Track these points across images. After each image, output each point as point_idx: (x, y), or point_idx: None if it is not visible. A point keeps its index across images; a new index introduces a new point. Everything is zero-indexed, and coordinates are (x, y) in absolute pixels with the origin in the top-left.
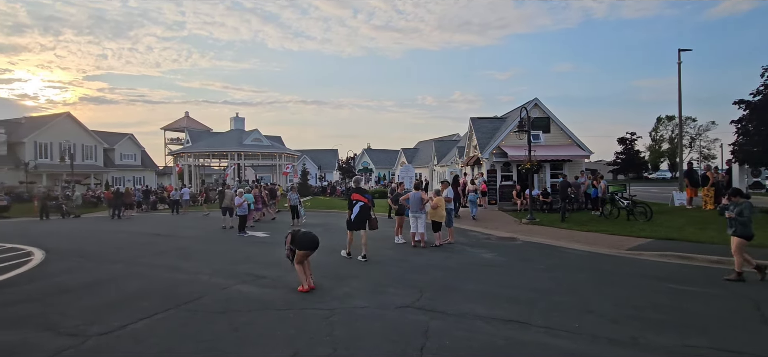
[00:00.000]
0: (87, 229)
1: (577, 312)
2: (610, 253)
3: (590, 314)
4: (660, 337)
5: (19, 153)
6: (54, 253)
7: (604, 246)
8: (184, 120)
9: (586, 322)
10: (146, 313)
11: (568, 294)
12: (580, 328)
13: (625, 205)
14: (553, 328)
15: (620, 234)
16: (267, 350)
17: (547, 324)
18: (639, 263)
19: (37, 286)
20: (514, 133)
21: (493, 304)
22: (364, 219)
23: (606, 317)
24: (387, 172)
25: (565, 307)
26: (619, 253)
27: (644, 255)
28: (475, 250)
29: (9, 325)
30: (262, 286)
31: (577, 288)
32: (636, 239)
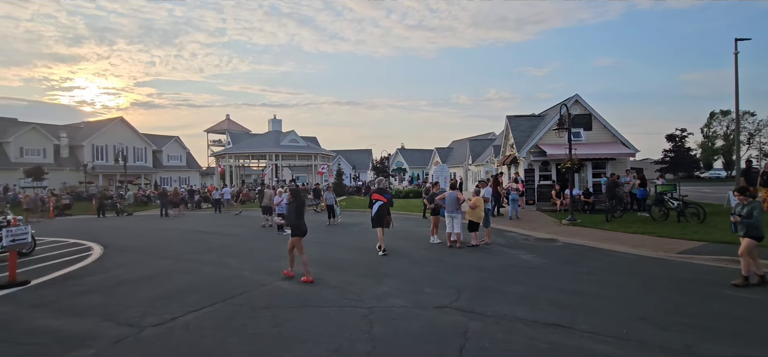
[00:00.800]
0: (139, 226)
1: (624, 317)
2: (658, 256)
3: (639, 320)
4: (717, 346)
5: (78, 155)
6: (111, 249)
7: (652, 249)
8: (225, 122)
9: (634, 328)
10: (195, 307)
11: (613, 298)
12: (627, 334)
13: (674, 206)
14: (599, 334)
15: (670, 236)
16: (309, 346)
17: (591, 329)
18: (691, 267)
19: (98, 278)
20: (554, 131)
21: (534, 307)
22: (382, 216)
23: (656, 324)
24: (421, 172)
25: (611, 312)
26: (669, 257)
27: (697, 259)
28: (513, 251)
29: (76, 314)
30: (302, 284)
31: (624, 292)
32: (688, 242)
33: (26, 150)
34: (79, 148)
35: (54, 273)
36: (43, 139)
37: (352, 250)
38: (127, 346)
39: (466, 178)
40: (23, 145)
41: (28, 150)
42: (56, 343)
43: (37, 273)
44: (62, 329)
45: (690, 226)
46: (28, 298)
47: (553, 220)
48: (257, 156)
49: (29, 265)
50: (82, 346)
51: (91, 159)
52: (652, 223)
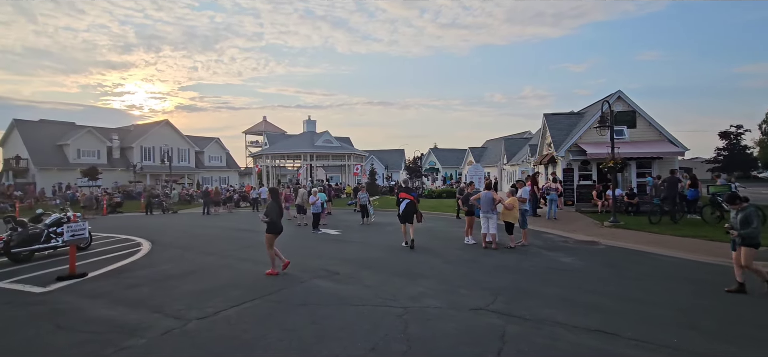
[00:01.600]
0: (183, 224)
1: (673, 326)
2: (712, 261)
3: (690, 329)
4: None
5: (128, 156)
6: (158, 245)
7: (704, 253)
8: (262, 124)
9: (685, 337)
10: (236, 302)
11: (661, 305)
12: (678, 344)
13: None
14: (646, 342)
15: (724, 240)
16: (346, 343)
17: (638, 336)
18: (748, 274)
19: (147, 273)
20: (595, 129)
21: (575, 312)
22: (410, 213)
23: (710, 333)
24: (454, 172)
25: (659, 320)
26: (724, 262)
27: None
28: (551, 253)
29: (129, 306)
30: (337, 282)
31: (673, 299)
32: None
33: (83, 151)
34: (129, 150)
35: (108, 266)
36: (98, 141)
37: (386, 249)
38: (174, 337)
39: (501, 177)
40: (80, 147)
41: (84, 151)
42: (112, 332)
43: (94, 266)
44: (117, 319)
45: None
46: (87, 289)
47: (594, 222)
48: (292, 156)
49: (86, 259)
50: (134, 336)
51: (139, 160)
52: (704, 227)
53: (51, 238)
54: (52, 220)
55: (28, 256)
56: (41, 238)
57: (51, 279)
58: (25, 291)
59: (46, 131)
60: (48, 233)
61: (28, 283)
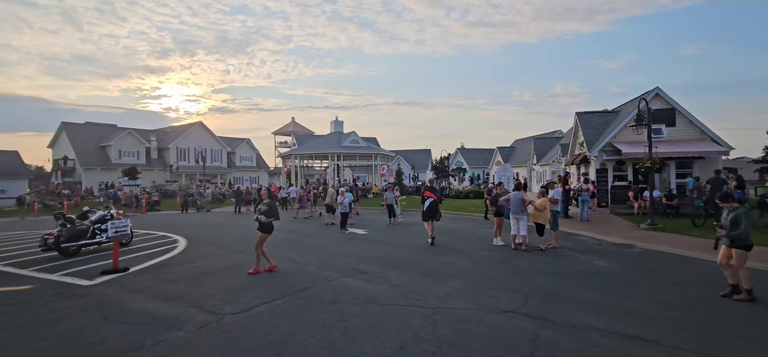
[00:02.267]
0: (217, 222)
1: (715, 334)
2: (759, 267)
3: (736, 338)
4: None
5: (165, 156)
6: (194, 242)
7: (751, 259)
8: (291, 125)
9: (728, 347)
10: (268, 298)
11: (705, 313)
12: (721, 353)
13: None
14: (687, 350)
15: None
16: (375, 342)
17: (678, 344)
18: None
19: (184, 268)
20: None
21: (611, 317)
22: (433, 211)
23: (756, 343)
24: (481, 172)
25: (703, 329)
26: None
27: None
28: (584, 256)
29: (168, 300)
30: (365, 281)
31: (718, 307)
32: None
33: (123, 152)
34: (166, 150)
35: (148, 262)
36: (137, 142)
37: (414, 249)
38: (211, 331)
39: (530, 178)
40: (121, 147)
41: (124, 152)
42: (153, 324)
43: (135, 261)
44: (157, 312)
45: None
46: (129, 283)
47: (630, 225)
48: (320, 156)
49: (128, 254)
50: (173, 329)
51: (175, 160)
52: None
53: (96, 234)
54: (97, 217)
55: (76, 250)
56: (87, 234)
57: (96, 273)
58: (74, 283)
59: (90, 133)
60: (93, 229)
61: (76, 276)
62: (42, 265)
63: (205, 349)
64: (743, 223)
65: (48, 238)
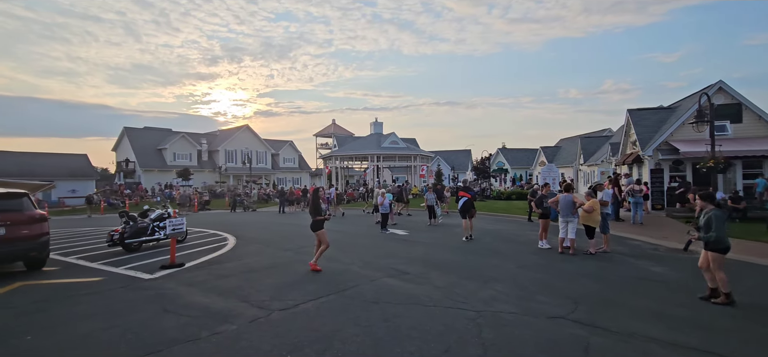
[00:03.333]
0: (263, 221)
1: None
2: None
3: None
4: None
5: (215, 159)
6: (242, 239)
7: None
8: (331, 127)
9: None
10: (313, 296)
11: None
12: None
13: None
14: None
15: None
16: (419, 343)
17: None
18: None
19: (234, 265)
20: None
21: (671, 327)
22: (468, 208)
23: None
24: (524, 172)
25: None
26: None
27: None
28: (639, 261)
29: (220, 294)
30: (407, 281)
31: None
32: None
33: (177, 154)
34: (215, 153)
35: (201, 258)
36: (190, 145)
37: (455, 250)
38: (260, 325)
39: (577, 178)
40: (176, 150)
41: (179, 154)
42: (207, 318)
43: (189, 257)
44: (211, 306)
45: None
46: (185, 277)
47: (690, 228)
48: (360, 157)
49: (183, 251)
50: (226, 322)
51: (223, 162)
52: None
53: (155, 232)
54: (156, 215)
55: (137, 246)
56: (148, 231)
57: (156, 267)
58: (137, 277)
59: (148, 137)
60: (153, 227)
61: (138, 270)
62: (109, 259)
63: (255, 342)
64: (714, 225)
65: (113, 235)
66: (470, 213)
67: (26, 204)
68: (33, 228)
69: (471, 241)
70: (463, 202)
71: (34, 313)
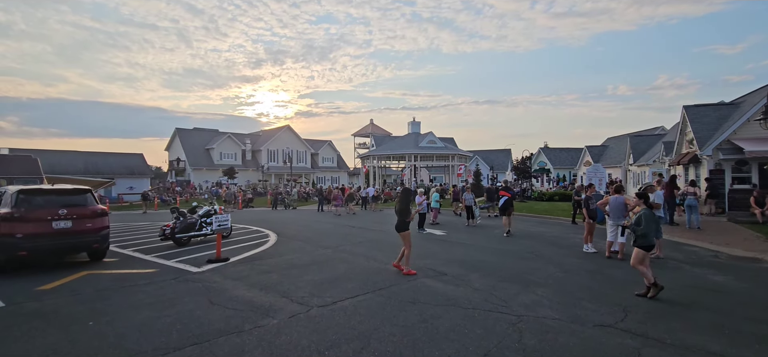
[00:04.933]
0: (302, 219)
1: None
2: None
3: None
4: None
5: (257, 158)
6: (283, 236)
7: None
8: (369, 127)
9: None
10: (351, 294)
11: None
12: None
13: None
14: None
15: None
16: (457, 346)
17: None
18: None
19: (275, 261)
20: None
21: (735, 342)
22: (508, 206)
23: None
24: (567, 173)
25: None
26: None
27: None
28: (696, 269)
29: (262, 289)
30: (445, 283)
31: None
32: None
33: (223, 154)
34: (258, 153)
35: (244, 253)
36: (235, 145)
37: (494, 252)
38: (300, 321)
39: (626, 179)
40: (222, 150)
41: (225, 154)
42: (250, 311)
43: (234, 252)
44: (253, 300)
45: None
46: (229, 271)
47: (756, 235)
48: (397, 157)
49: (228, 246)
50: (268, 316)
51: (266, 161)
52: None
53: (203, 227)
54: (203, 212)
55: (186, 241)
56: (196, 227)
57: (203, 261)
58: (186, 270)
59: (197, 137)
60: (200, 223)
61: (187, 263)
62: (161, 252)
63: (295, 337)
64: (643, 223)
65: (165, 229)
66: (508, 211)
67: (90, 199)
68: (96, 222)
69: (510, 238)
70: (504, 200)
71: (95, 301)
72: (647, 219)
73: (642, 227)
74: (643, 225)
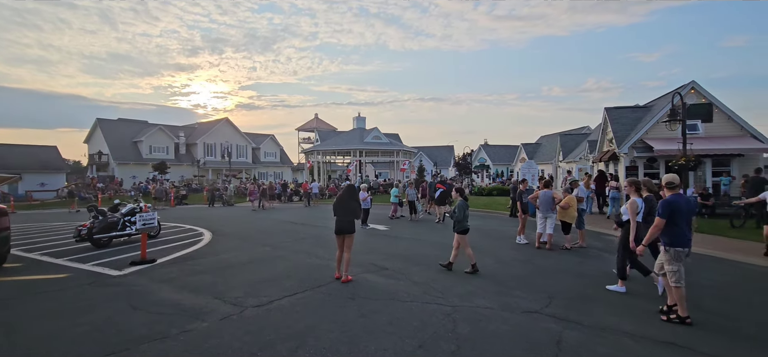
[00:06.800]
0: (242, 216)
1: (761, 341)
2: None
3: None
4: None
5: (193, 152)
6: (219, 235)
7: None
8: (314, 121)
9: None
10: (289, 292)
11: (743, 320)
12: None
13: None
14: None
15: None
16: (394, 339)
17: (715, 352)
18: None
19: (209, 261)
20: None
21: (644, 321)
22: (443, 198)
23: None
24: (505, 169)
25: (743, 335)
26: None
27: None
28: (613, 256)
29: (192, 291)
30: (386, 277)
31: (762, 313)
32: None
33: (154, 147)
34: (193, 146)
35: (175, 254)
36: (167, 138)
37: (436, 246)
38: (232, 322)
39: (556, 175)
40: (152, 143)
41: (155, 147)
42: (178, 315)
43: (162, 253)
44: (182, 303)
45: None
46: (156, 274)
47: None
48: (342, 152)
49: (156, 246)
50: (197, 319)
51: (202, 155)
52: None
53: (126, 226)
54: (127, 209)
55: (107, 241)
56: (118, 226)
57: (125, 263)
58: (105, 273)
59: (123, 129)
60: (123, 222)
61: (107, 266)
62: (76, 255)
63: (226, 339)
64: (458, 213)
65: (81, 230)
66: (443, 202)
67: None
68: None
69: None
70: (440, 192)
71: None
72: (461, 209)
73: (457, 215)
74: (457, 214)
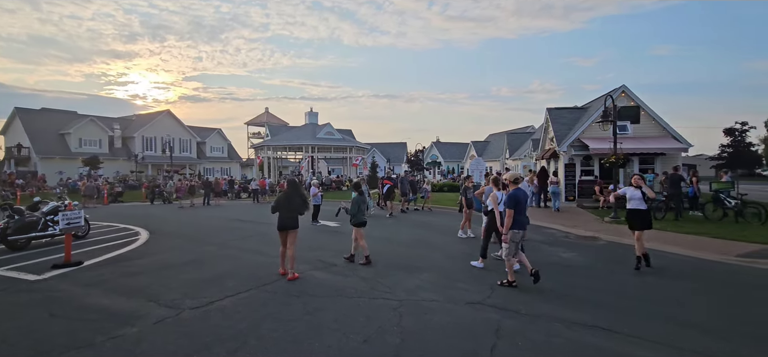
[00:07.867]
0: (185, 214)
1: (674, 323)
2: (716, 259)
3: (692, 328)
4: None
5: (130, 146)
6: (158, 234)
7: (710, 251)
8: (264, 116)
9: (683, 336)
10: (232, 292)
11: (664, 303)
12: (674, 341)
13: (732, 205)
14: (645, 339)
15: (727, 238)
16: (339, 335)
17: (635, 333)
18: (753, 272)
19: (145, 261)
20: (597, 124)
21: (574, 308)
22: (389, 193)
23: (712, 333)
24: (456, 166)
25: (660, 317)
26: (728, 260)
27: (760, 263)
28: (552, 248)
29: (124, 294)
30: (334, 274)
31: (676, 297)
32: (748, 244)
33: (84, 141)
34: (131, 140)
35: (106, 255)
36: (100, 130)
37: (385, 241)
38: (167, 326)
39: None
40: (82, 136)
41: (86, 141)
42: (105, 320)
43: (91, 254)
44: (111, 307)
45: (750, 227)
46: (83, 277)
47: (595, 218)
48: (294, 148)
49: (85, 247)
50: (127, 325)
51: (141, 150)
52: (707, 224)
53: (48, 226)
54: (49, 208)
55: (25, 243)
56: (38, 226)
57: (46, 267)
58: (20, 278)
59: (48, 120)
60: (45, 221)
61: (23, 271)
62: None
63: (160, 344)
64: (352, 207)
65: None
66: (391, 197)
67: None
68: None
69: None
70: (386, 188)
71: None
72: (355, 203)
73: (352, 210)
74: (352, 208)
